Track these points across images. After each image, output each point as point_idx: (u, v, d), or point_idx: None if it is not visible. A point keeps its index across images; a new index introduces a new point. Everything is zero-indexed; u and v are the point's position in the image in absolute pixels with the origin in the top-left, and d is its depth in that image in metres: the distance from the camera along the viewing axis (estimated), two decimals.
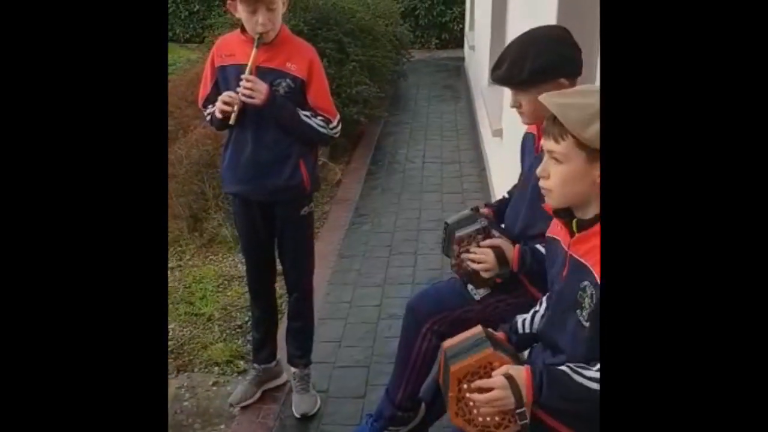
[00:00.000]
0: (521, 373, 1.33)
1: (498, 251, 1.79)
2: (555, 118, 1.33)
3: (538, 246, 1.76)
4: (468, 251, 1.84)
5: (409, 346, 2.00)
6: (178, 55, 8.02)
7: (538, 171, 1.40)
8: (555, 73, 1.70)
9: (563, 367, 1.33)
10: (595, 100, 1.27)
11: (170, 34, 9.96)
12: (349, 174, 5.12)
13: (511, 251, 1.80)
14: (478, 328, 1.52)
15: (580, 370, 1.31)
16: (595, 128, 1.23)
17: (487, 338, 1.45)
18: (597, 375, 1.29)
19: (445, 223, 1.97)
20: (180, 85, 5.24)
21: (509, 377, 1.32)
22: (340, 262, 3.70)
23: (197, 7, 9.95)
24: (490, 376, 1.36)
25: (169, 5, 9.91)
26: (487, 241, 1.82)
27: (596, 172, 1.31)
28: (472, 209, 1.94)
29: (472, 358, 1.39)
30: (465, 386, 1.38)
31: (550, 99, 1.34)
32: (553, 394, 1.31)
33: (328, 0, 5.56)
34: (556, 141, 1.34)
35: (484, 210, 2.01)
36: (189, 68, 6.10)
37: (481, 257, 1.80)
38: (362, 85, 5.26)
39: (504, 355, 1.41)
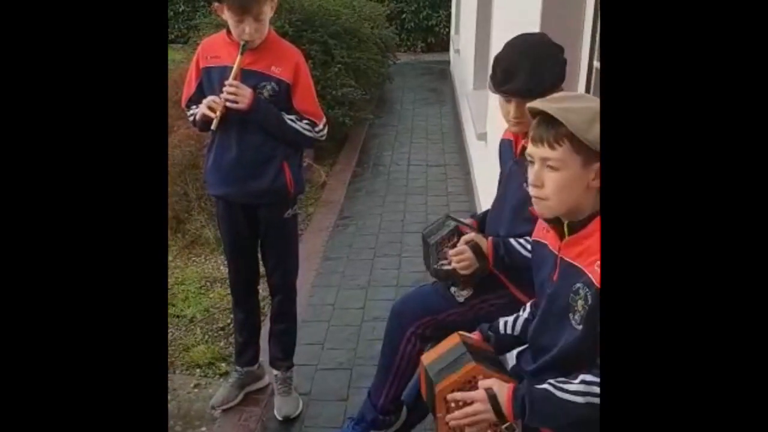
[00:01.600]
0: (503, 391, 1.34)
1: (473, 245, 1.81)
2: (548, 124, 1.30)
3: (512, 240, 1.78)
4: (445, 254, 1.86)
5: (393, 350, 2.00)
6: None
7: (531, 180, 1.36)
8: (563, 79, 1.74)
9: (545, 386, 1.33)
10: (590, 104, 1.28)
11: None
12: (334, 176, 5.12)
13: (485, 244, 1.82)
14: (456, 339, 1.52)
15: (562, 385, 1.31)
16: (598, 129, 1.21)
17: (466, 350, 1.45)
18: (580, 388, 1.29)
19: (422, 235, 2.00)
20: None
21: (491, 395, 1.33)
22: (324, 265, 3.69)
23: (182, 7, 9.90)
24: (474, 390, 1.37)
25: None
26: (462, 238, 1.84)
27: (590, 175, 1.30)
28: (446, 215, 1.99)
29: (456, 374, 1.39)
30: (453, 405, 1.38)
31: (549, 105, 1.31)
32: (537, 416, 1.31)
33: (314, 2, 5.55)
34: (552, 147, 1.30)
35: (468, 220, 2.03)
36: (173, 69, 6.03)
37: (459, 256, 1.82)
38: (348, 88, 5.26)
39: (486, 366, 1.41)
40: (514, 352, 1.68)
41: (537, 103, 1.34)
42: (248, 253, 2.39)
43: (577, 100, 1.33)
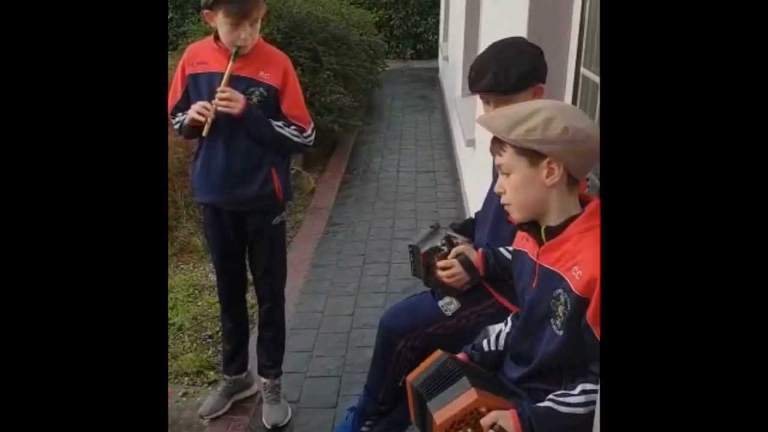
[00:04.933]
0: (509, 422, 1.32)
1: (463, 258, 1.81)
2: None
3: (501, 249, 1.78)
4: (435, 265, 1.86)
5: (385, 361, 2.00)
6: None
7: (496, 188, 1.45)
8: (536, 78, 1.77)
9: (546, 403, 1.33)
10: (519, 108, 1.38)
11: None
12: (323, 183, 5.11)
13: (475, 255, 1.82)
14: (441, 356, 1.49)
15: (562, 399, 1.32)
16: (520, 130, 1.32)
17: (461, 371, 1.41)
18: (581, 399, 1.30)
19: (410, 245, 1.99)
20: None
21: (498, 430, 1.32)
22: (314, 272, 3.68)
23: (171, 14, 9.87)
24: (478, 423, 1.34)
25: None
26: (453, 250, 1.84)
27: (542, 174, 1.35)
28: (431, 227, 1.98)
29: (456, 407, 1.35)
30: None
31: (481, 117, 1.46)
32: None
33: (303, 9, 5.55)
34: (499, 154, 1.40)
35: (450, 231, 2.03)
36: None
37: (448, 271, 1.82)
38: (336, 94, 5.26)
39: (487, 394, 1.37)
40: None
41: (477, 119, 1.42)
42: (236, 260, 2.38)
43: (512, 108, 1.42)
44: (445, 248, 1.86)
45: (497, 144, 1.41)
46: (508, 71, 1.74)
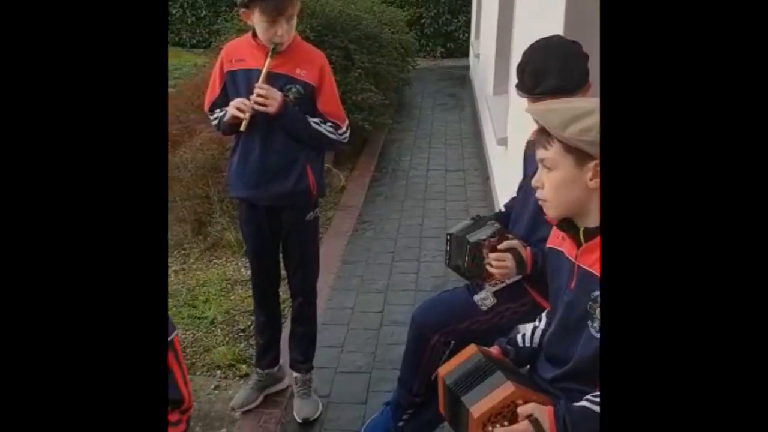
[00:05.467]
0: (544, 415, 1.31)
1: (515, 253, 1.81)
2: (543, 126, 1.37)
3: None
4: (484, 255, 1.84)
5: (418, 355, 2.00)
6: (184, 60, 8.05)
7: (534, 181, 1.42)
8: (587, 75, 1.77)
9: (583, 403, 1.32)
10: (576, 105, 1.33)
11: (177, 39, 10.01)
12: (353, 180, 5.13)
13: (525, 252, 1.81)
14: (474, 350, 1.48)
15: (599, 399, 1.30)
16: (575, 128, 1.28)
17: (495, 366, 1.40)
18: None
19: (449, 234, 1.97)
20: (186, 90, 5.26)
21: (534, 421, 1.31)
22: (343, 268, 3.70)
23: (204, 12, 10.00)
24: (515, 414, 1.33)
25: (176, 10, 9.95)
26: (505, 243, 1.83)
27: (587, 176, 1.32)
28: (473, 218, 1.96)
29: (494, 399, 1.34)
30: (490, 429, 1.34)
31: (534, 107, 1.41)
32: None
33: (335, 7, 5.58)
34: (545, 148, 1.37)
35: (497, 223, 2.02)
36: (195, 73, 6.12)
37: (501, 262, 1.81)
38: (367, 92, 5.28)
39: (524, 388, 1.37)
40: None
41: (528, 108, 1.40)
42: (270, 255, 2.41)
43: (569, 102, 1.39)
44: (495, 240, 1.85)
45: (544, 137, 1.37)
46: (571, 70, 1.74)
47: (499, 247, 1.83)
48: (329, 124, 2.24)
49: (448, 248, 1.99)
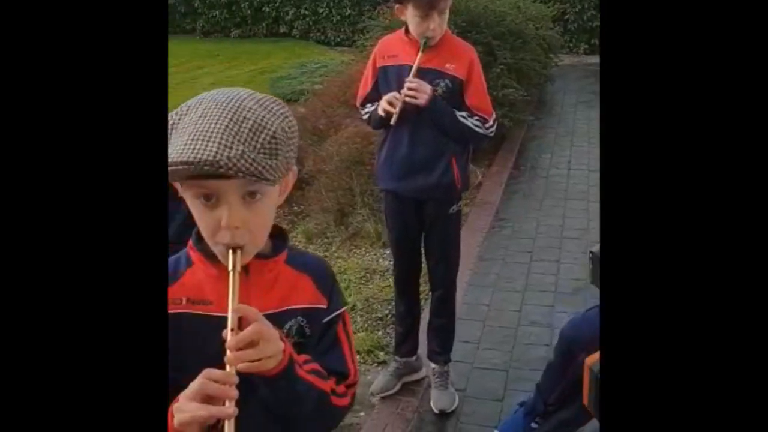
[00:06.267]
0: None
1: None
2: None
3: None
4: None
5: (563, 370, 1.99)
6: (329, 58, 8.37)
7: None
8: None
9: None
10: None
11: (322, 37, 10.42)
12: (491, 177, 5.08)
13: None
14: None
15: None
16: None
17: None
18: None
19: (591, 252, 1.91)
20: (332, 86, 5.47)
21: None
22: (480, 265, 3.69)
23: (348, 11, 10.33)
24: None
25: (322, 9, 10.37)
26: None
27: None
28: None
29: None
30: None
31: None
32: None
33: (480, 3, 5.55)
34: None
35: None
36: (341, 70, 6.35)
37: None
38: (509, 89, 5.20)
39: None
40: None
41: None
42: (413, 246, 2.46)
43: None
44: None
45: None
46: None
47: None
48: (476, 118, 2.25)
49: (591, 266, 1.94)
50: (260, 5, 10.66)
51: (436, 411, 2.44)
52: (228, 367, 0.93)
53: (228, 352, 0.93)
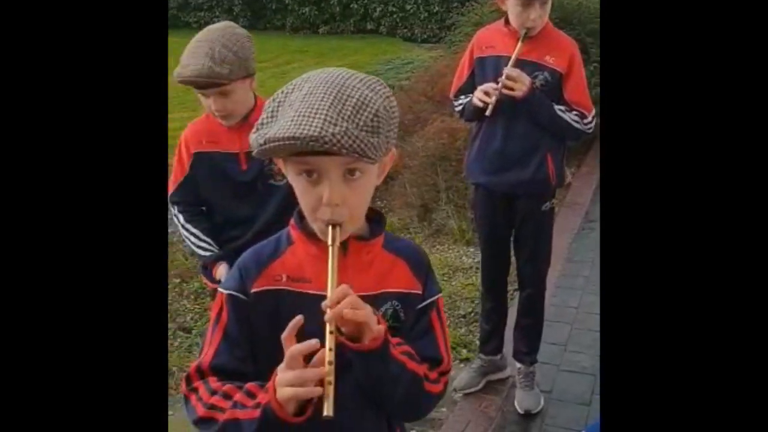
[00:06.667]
0: None
1: None
2: None
3: None
4: None
5: None
6: (416, 54, 8.37)
7: None
8: None
9: None
10: None
11: (409, 34, 10.44)
12: (580, 178, 4.94)
13: None
14: None
15: None
16: None
17: None
18: None
19: None
20: (419, 82, 5.47)
21: None
22: (568, 266, 3.58)
23: (436, 8, 10.29)
24: None
25: (410, 6, 10.38)
26: None
27: None
28: None
29: None
30: None
31: None
32: None
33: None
34: None
35: None
36: (429, 66, 6.34)
37: None
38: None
39: None
40: None
41: None
42: (502, 242, 2.41)
43: None
44: None
45: None
46: None
47: None
48: (574, 112, 2.18)
49: None
50: (348, 2, 10.79)
51: (521, 411, 2.38)
52: (328, 337, 0.93)
53: (328, 311, 0.94)
